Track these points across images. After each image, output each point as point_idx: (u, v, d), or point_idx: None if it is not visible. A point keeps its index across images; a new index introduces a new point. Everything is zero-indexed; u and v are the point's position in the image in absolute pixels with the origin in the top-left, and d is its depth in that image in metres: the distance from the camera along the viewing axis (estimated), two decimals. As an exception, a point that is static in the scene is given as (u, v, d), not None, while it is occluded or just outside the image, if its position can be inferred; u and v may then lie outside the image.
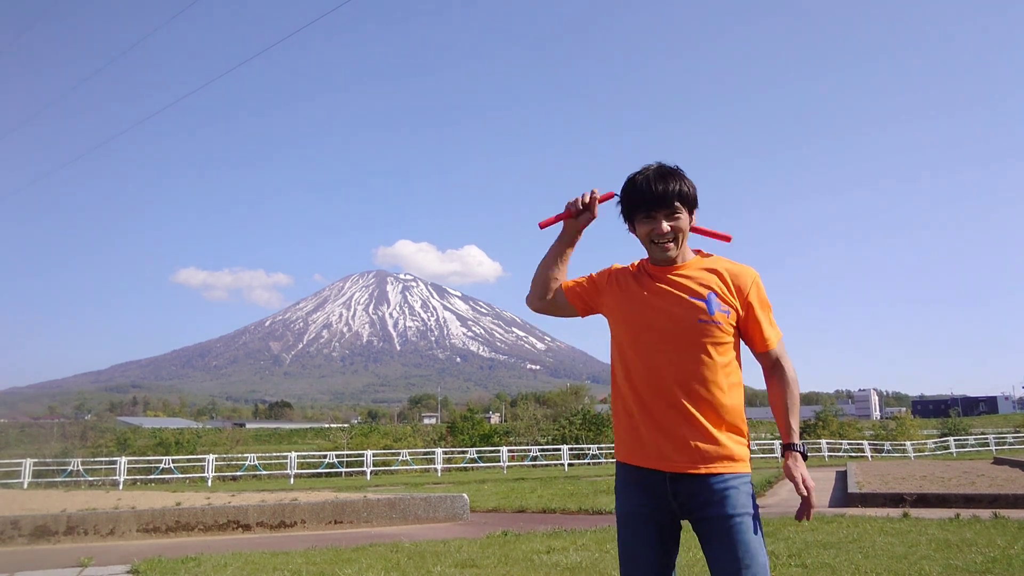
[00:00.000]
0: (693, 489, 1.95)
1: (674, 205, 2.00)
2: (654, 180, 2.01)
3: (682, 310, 2.00)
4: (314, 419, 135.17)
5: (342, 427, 47.03)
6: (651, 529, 2.00)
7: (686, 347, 1.98)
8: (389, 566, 5.79)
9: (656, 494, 2.00)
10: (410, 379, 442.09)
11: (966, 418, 66.12)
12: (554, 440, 33.49)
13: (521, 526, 8.53)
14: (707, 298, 1.99)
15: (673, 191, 2.00)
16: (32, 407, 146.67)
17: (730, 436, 1.98)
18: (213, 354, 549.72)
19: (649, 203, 2.01)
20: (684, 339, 1.98)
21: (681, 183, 2.02)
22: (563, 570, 5.54)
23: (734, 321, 2.02)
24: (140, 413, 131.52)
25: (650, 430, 2.00)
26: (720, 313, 1.99)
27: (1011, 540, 6.36)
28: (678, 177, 2.03)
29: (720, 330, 1.98)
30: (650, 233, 2.03)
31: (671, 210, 2.01)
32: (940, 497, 10.10)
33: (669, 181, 2.01)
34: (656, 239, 2.03)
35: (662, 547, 2.01)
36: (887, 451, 35.05)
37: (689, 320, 1.98)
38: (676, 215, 2.01)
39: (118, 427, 48.24)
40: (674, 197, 2.00)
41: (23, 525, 7.80)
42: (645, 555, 2.00)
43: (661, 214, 2.01)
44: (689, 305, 1.99)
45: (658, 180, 2.01)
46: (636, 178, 2.06)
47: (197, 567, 5.88)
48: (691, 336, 1.98)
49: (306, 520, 8.88)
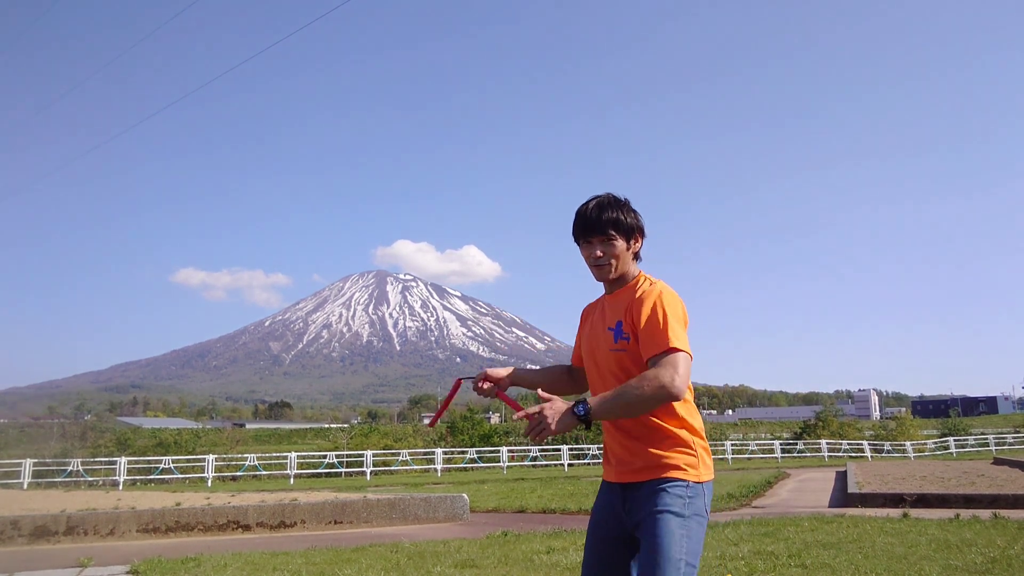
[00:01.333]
0: (632, 496, 2.09)
1: (608, 232, 2.16)
2: (592, 208, 2.19)
3: (600, 340, 2.20)
4: (314, 419, 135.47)
5: (342, 427, 47.14)
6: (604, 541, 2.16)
7: (607, 374, 2.17)
8: (389, 566, 5.80)
9: (611, 503, 2.17)
10: (410, 379, 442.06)
11: (966, 418, 66.16)
12: (554, 440, 33.49)
13: (521, 526, 8.53)
14: (615, 327, 2.15)
15: (608, 219, 2.16)
16: (32, 407, 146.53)
17: (672, 448, 2.08)
18: (213, 354, 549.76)
19: (585, 229, 2.19)
20: (604, 367, 2.18)
21: (619, 212, 2.18)
22: (563, 570, 5.55)
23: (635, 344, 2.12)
24: (140, 413, 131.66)
25: (609, 447, 2.22)
26: (622, 340, 2.13)
27: (1011, 540, 6.37)
28: (617, 207, 2.19)
29: (628, 357, 2.11)
30: (588, 257, 2.22)
31: (605, 236, 2.17)
32: (940, 497, 10.11)
33: (605, 210, 2.18)
34: (592, 262, 2.21)
35: (610, 560, 2.14)
36: (887, 451, 35.05)
37: (603, 349, 2.18)
38: (611, 241, 2.17)
39: (118, 427, 48.25)
40: (608, 225, 2.16)
41: (23, 525, 7.80)
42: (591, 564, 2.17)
43: (596, 240, 2.18)
44: (604, 335, 2.18)
45: (595, 208, 2.19)
46: (580, 207, 2.25)
47: (197, 567, 5.88)
48: (607, 364, 2.16)
49: (306, 520, 8.88)
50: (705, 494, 2.10)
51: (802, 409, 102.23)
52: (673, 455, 2.08)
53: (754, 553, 6.00)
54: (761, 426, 77.27)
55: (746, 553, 6.03)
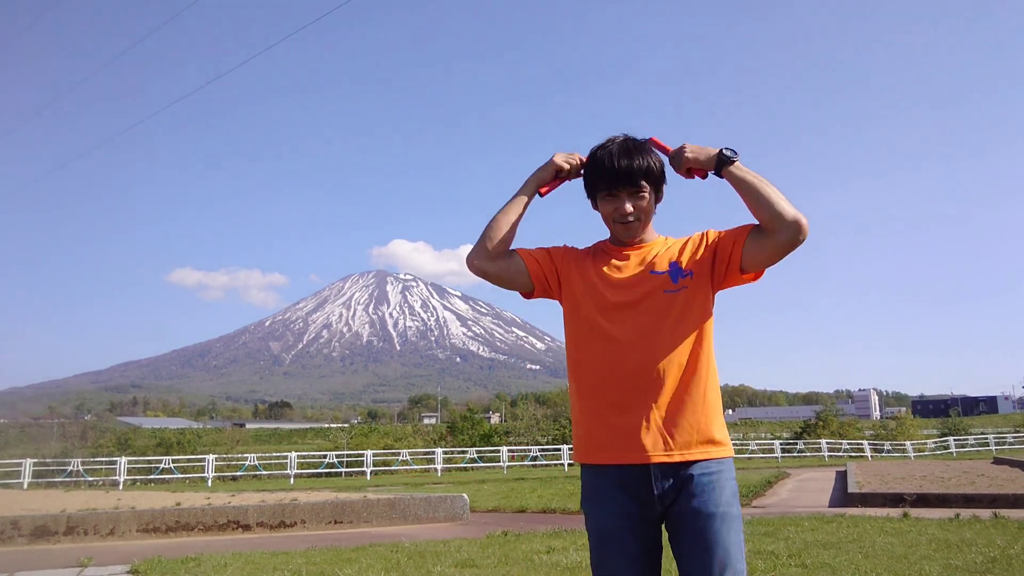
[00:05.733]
0: (668, 477, 1.70)
1: (639, 183, 1.79)
2: (617, 155, 1.79)
3: (642, 286, 1.80)
4: (314, 419, 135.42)
5: (342, 427, 47.12)
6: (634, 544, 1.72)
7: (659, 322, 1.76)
8: (389, 566, 5.79)
9: (639, 496, 1.72)
10: (410, 379, 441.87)
11: (966, 418, 66.09)
12: (554, 440, 33.48)
13: (521, 526, 8.52)
14: (671, 267, 1.79)
15: (639, 167, 1.78)
16: (32, 407, 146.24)
17: (708, 416, 1.74)
18: (213, 354, 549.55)
19: (611, 180, 1.79)
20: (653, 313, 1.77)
21: (648, 158, 1.80)
22: (563, 570, 5.54)
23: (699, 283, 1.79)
24: (140, 413, 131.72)
25: (622, 418, 1.73)
26: (684, 278, 1.78)
27: (1011, 540, 6.36)
28: (645, 152, 1.81)
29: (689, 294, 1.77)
30: (612, 213, 1.83)
31: (635, 188, 1.79)
32: (940, 497, 10.11)
33: (634, 156, 1.78)
34: (618, 219, 1.82)
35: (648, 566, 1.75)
36: (887, 451, 35.05)
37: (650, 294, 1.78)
38: (641, 193, 1.80)
39: (118, 427, 48.29)
40: (640, 174, 1.78)
41: (23, 525, 7.80)
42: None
43: (624, 193, 1.80)
44: (652, 280, 1.79)
45: (622, 155, 1.78)
46: (597, 152, 1.84)
47: (197, 567, 5.87)
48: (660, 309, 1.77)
49: (306, 520, 8.88)
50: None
51: (802, 409, 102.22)
52: (712, 428, 1.74)
53: (754, 553, 6.00)
54: (761, 426, 77.21)
55: (747, 553, 6.01)
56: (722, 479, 1.71)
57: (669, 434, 1.70)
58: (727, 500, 1.70)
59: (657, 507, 1.71)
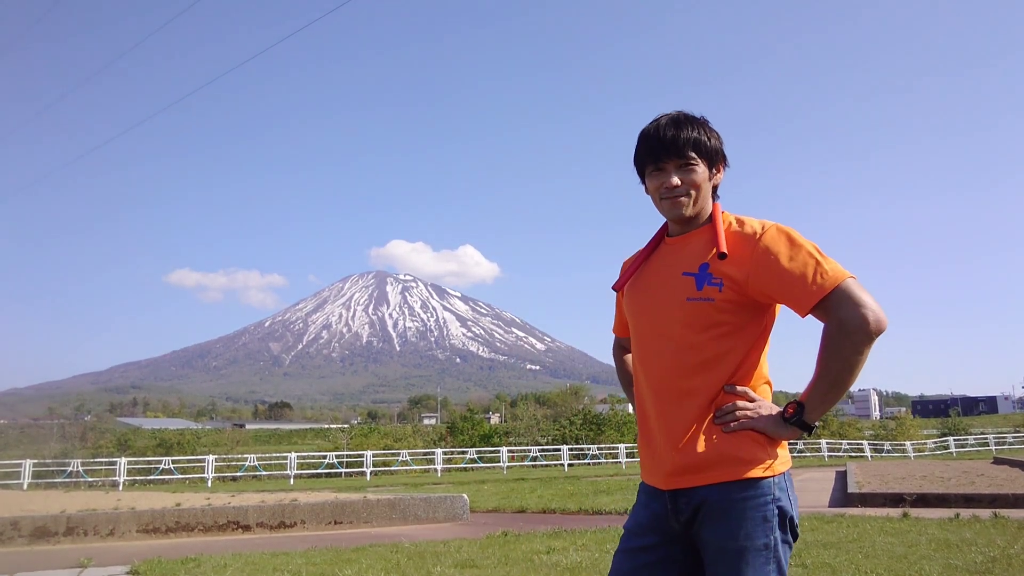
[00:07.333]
0: (688, 506, 1.58)
1: (687, 155, 1.64)
2: (665, 126, 1.66)
3: (665, 290, 1.65)
4: (314, 420, 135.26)
5: (342, 428, 47.13)
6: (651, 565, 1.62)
7: (675, 334, 1.61)
8: (389, 566, 5.79)
9: (659, 518, 1.63)
10: (410, 379, 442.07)
11: (966, 418, 66.15)
12: (554, 440, 33.53)
13: (521, 526, 8.52)
14: (699, 270, 1.60)
15: (687, 138, 1.64)
16: (32, 408, 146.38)
17: (732, 434, 1.56)
18: (213, 355, 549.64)
19: (657, 152, 1.65)
20: (670, 323, 1.62)
21: (700, 130, 1.66)
22: (563, 570, 5.54)
23: (731, 295, 1.58)
24: (140, 414, 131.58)
25: (654, 435, 1.65)
26: (710, 287, 1.58)
27: (1011, 540, 6.36)
28: (696, 124, 1.67)
29: (714, 308, 1.57)
30: (659, 188, 1.66)
31: (683, 160, 1.64)
32: (940, 497, 10.10)
33: (683, 127, 1.65)
34: (664, 194, 1.66)
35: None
36: (887, 451, 35.07)
37: (671, 301, 1.62)
38: (690, 166, 1.64)
39: (118, 428, 48.36)
40: (688, 145, 1.64)
41: (23, 526, 7.79)
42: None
43: (671, 165, 1.65)
44: (676, 283, 1.63)
45: (670, 126, 1.65)
46: (647, 127, 1.70)
47: (197, 568, 5.87)
48: (677, 319, 1.61)
49: (306, 520, 8.88)
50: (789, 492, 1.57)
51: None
52: (743, 442, 1.55)
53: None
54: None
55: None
56: (746, 505, 1.52)
57: (683, 456, 1.57)
58: (748, 532, 1.50)
59: (675, 526, 1.60)
